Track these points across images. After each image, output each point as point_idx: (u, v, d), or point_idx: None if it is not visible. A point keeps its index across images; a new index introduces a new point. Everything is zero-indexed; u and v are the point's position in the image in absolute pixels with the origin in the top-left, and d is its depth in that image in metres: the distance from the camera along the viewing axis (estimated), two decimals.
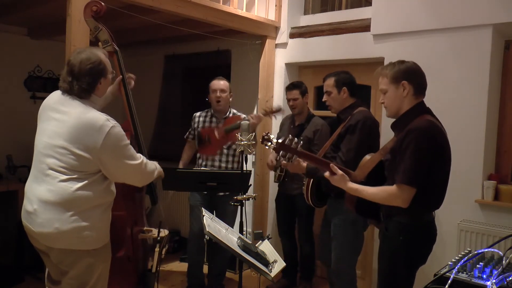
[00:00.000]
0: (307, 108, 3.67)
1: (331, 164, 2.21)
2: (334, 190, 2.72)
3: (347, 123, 2.76)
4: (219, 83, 3.52)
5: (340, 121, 2.89)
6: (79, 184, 2.00)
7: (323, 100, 2.93)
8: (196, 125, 3.59)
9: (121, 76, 2.49)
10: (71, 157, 2.00)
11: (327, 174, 2.22)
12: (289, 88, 3.63)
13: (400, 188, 2.02)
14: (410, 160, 1.99)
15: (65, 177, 2.00)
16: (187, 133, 3.68)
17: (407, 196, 2.01)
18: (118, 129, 2.07)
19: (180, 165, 3.65)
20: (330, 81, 2.85)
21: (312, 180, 2.83)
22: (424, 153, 2.00)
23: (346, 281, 2.86)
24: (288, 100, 3.64)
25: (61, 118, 2.04)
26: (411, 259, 2.12)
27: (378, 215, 2.31)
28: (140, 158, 2.19)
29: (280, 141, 2.23)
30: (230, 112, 3.58)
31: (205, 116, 3.60)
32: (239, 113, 3.59)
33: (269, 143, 2.42)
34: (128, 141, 2.13)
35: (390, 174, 2.13)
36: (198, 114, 3.64)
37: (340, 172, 2.18)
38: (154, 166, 2.31)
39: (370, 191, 2.11)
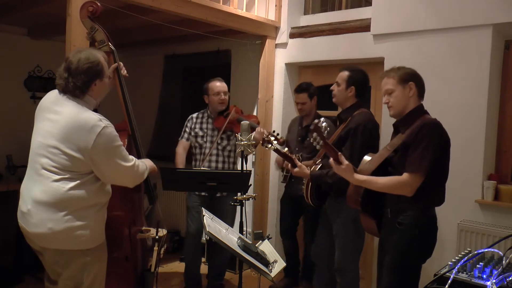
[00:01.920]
0: (315, 109, 3.67)
1: (339, 153, 2.25)
2: (334, 189, 2.74)
3: (346, 126, 2.76)
4: (223, 85, 3.50)
5: (341, 121, 2.90)
6: (71, 184, 2.00)
7: (331, 88, 2.93)
8: (193, 126, 3.56)
9: (115, 64, 2.47)
10: (63, 157, 1.99)
11: (331, 161, 2.28)
12: (297, 91, 3.61)
13: (411, 176, 2.12)
14: (424, 150, 2.10)
15: (57, 177, 1.99)
16: (183, 133, 3.59)
17: (416, 184, 2.12)
18: (111, 129, 2.06)
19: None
20: (344, 75, 2.86)
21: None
22: (437, 146, 2.12)
23: (350, 279, 2.89)
24: (297, 103, 3.63)
25: (54, 118, 2.04)
26: (423, 251, 2.23)
27: (380, 211, 2.35)
28: (132, 160, 2.18)
29: (316, 121, 2.39)
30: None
31: (202, 117, 3.58)
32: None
33: (270, 145, 2.47)
34: (121, 143, 2.12)
35: (400, 168, 2.19)
36: (195, 115, 3.61)
37: (346, 162, 2.25)
38: (144, 166, 2.29)
39: (380, 181, 2.20)
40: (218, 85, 3.49)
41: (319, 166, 2.79)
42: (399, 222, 2.22)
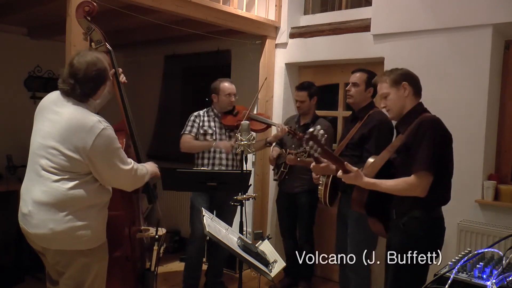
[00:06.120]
0: (314, 109, 3.68)
1: (345, 163, 2.21)
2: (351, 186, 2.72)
3: (365, 124, 2.88)
4: (233, 87, 3.51)
5: (356, 119, 3.00)
6: (71, 184, 1.99)
7: (347, 89, 3.03)
8: (201, 124, 3.48)
9: (113, 70, 2.46)
10: (61, 158, 1.99)
11: (340, 173, 2.21)
12: (298, 88, 3.64)
13: (418, 176, 2.08)
14: (427, 148, 2.07)
15: (57, 177, 1.99)
16: (190, 127, 3.47)
17: (426, 184, 2.08)
18: (110, 131, 2.05)
19: (212, 143, 3.43)
20: (363, 76, 2.99)
21: (330, 181, 2.84)
22: (439, 141, 2.10)
23: (362, 276, 2.96)
24: (296, 100, 3.64)
25: (54, 118, 2.04)
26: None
27: (387, 214, 2.34)
28: (131, 163, 2.16)
29: (311, 130, 2.10)
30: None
31: (208, 116, 3.54)
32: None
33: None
34: (120, 145, 2.12)
35: (403, 169, 2.17)
36: (201, 113, 3.54)
37: (355, 169, 2.19)
38: (145, 170, 2.28)
39: (389, 183, 2.15)
40: (230, 87, 3.50)
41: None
42: (403, 223, 2.20)
